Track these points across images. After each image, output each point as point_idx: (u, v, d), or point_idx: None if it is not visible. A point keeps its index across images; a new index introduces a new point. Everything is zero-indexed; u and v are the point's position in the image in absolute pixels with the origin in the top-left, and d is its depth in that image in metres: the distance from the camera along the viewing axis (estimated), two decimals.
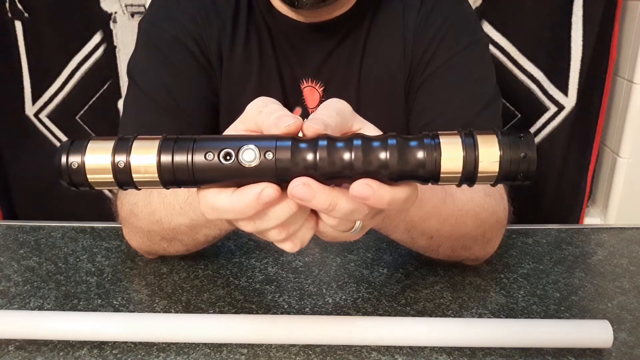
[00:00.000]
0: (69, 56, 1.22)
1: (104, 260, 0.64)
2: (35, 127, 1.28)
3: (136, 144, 0.35)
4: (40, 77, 1.25)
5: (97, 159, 0.34)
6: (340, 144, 0.34)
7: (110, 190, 1.32)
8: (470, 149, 0.33)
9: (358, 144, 0.34)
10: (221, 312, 0.54)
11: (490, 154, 0.33)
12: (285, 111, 0.37)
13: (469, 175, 0.34)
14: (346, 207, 0.35)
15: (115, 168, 0.34)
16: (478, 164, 0.33)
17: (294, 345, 0.49)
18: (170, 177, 0.34)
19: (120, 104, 1.24)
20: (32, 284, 0.59)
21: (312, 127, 0.35)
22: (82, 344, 0.50)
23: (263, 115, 0.37)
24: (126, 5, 1.19)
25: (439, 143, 0.33)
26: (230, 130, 0.39)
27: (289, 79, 0.70)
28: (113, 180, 0.35)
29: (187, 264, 0.62)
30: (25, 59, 1.23)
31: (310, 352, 0.49)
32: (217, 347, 0.49)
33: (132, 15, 1.20)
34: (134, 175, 0.34)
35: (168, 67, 0.67)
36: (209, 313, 0.54)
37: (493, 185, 0.35)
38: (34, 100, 1.27)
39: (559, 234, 0.70)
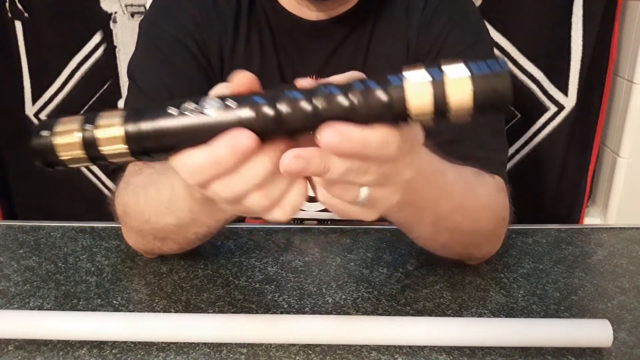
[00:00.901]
0: (69, 56, 1.22)
1: (104, 260, 0.64)
2: None
3: (102, 117, 0.35)
4: (40, 77, 1.25)
5: (66, 136, 0.34)
6: (303, 94, 0.33)
7: (108, 189, 1.32)
8: (439, 83, 0.31)
9: (322, 92, 0.33)
10: (221, 311, 0.54)
11: (461, 85, 0.31)
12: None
13: (441, 112, 0.32)
14: (340, 166, 0.34)
15: (84, 143, 0.34)
16: (449, 99, 0.31)
17: (293, 345, 0.49)
18: (139, 146, 0.34)
19: (121, 104, 1.24)
20: (31, 283, 0.59)
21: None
22: (81, 343, 0.49)
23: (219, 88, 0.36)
24: (126, 5, 1.19)
25: (405, 80, 0.32)
26: None
27: (291, 76, 0.70)
28: (84, 155, 0.35)
29: (187, 264, 0.62)
30: (25, 59, 1.23)
31: (310, 352, 0.49)
32: (217, 347, 0.49)
33: (132, 15, 1.20)
34: (102, 149, 0.34)
35: (168, 68, 0.67)
36: (208, 313, 0.54)
37: (469, 118, 0.32)
38: (34, 100, 1.27)
39: (559, 234, 0.70)
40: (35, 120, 1.28)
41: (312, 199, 0.75)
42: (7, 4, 1.19)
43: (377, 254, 0.65)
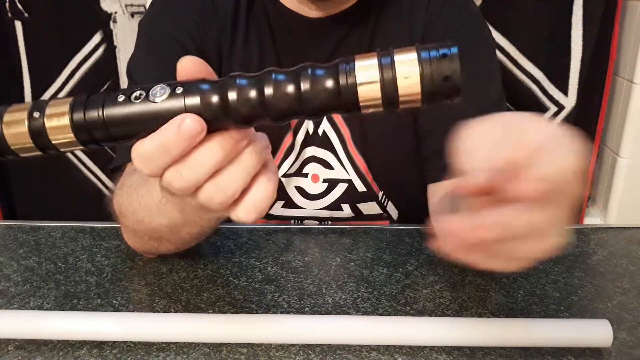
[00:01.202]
0: (69, 56, 1.22)
1: (104, 259, 0.64)
2: None
3: (50, 106, 0.34)
4: (40, 77, 1.25)
5: (15, 125, 0.34)
6: (251, 82, 0.32)
7: (108, 189, 1.32)
8: (388, 70, 0.31)
9: (270, 79, 0.32)
10: (221, 311, 0.54)
11: (410, 73, 0.31)
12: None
13: (390, 100, 0.31)
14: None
15: (31, 132, 0.34)
16: (397, 87, 0.31)
17: (293, 345, 0.49)
18: (87, 135, 0.33)
19: None
20: (31, 283, 0.59)
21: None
22: (81, 343, 0.49)
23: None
24: (126, 5, 1.19)
25: (354, 67, 0.31)
26: None
27: None
28: (32, 145, 0.34)
29: (187, 264, 0.62)
30: (25, 59, 1.23)
31: (310, 352, 0.49)
32: (217, 347, 0.49)
33: (132, 15, 1.20)
34: (51, 138, 0.34)
35: (166, 67, 0.67)
36: (208, 313, 0.54)
37: (420, 107, 0.32)
38: (34, 100, 1.27)
39: None
40: None
41: (312, 197, 0.75)
42: (7, 4, 1.19)
43: (377, 254, 0.65)
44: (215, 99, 0.32)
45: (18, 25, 1.21)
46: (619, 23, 1.14)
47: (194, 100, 0.32)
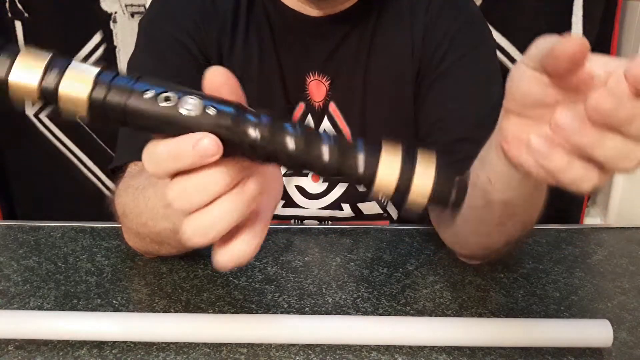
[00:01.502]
0: (69, 56, 1.22)
1: (104, 259, 0.64)
2: (35, 127, 1.28)
3: (70, 69, 0.32)
4: None
5: (25, 75, 0.32)
6: (292, 130, 0.32)
7: (108, 189, 1.32)
8: (406, 175, 0.32)
9: (309, 135, 0.32)
10: (221, 311, 0.54)
11: (424, 187, 0.32)
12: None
13: (395, 199, 0.33)
14: None
15: (41, 92, 0.32)
16: (409, 193, 0.32)
17: (293, 345, 0.49)
18: (100, 114, 0.32)
19: None
20: (31, 283, 0.59)
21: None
22: (81, 343, 0.49)
23: None
24: (126, 5, 1.19)
25: (380, 152, 0.33)
26: None
27: (292, 74, 0.70)
28: (37, 99, 0.32)
29: (187, 264, 0.62)
30: None
31: (310, 352, 0.49)
32: (217, 347, 0.49)
33: (132, 15, 1.20)
34: (60, 104, 0.32)
35: (165, 66, 0.67)
36: (208, 313, 0.54)
37: (412, 210, 0.33)
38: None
39: (559, 234, 0.70)
40: (36, 121, 1.28)
41: (312, 197, 0.75)
42: (7, 4, 1.19)
43: (377, 254, 0.65)
44: (250, 134, 0.32)
45: (18, 25, 1.21)
46: (618, 23, 1.14)
47: (222, 125, 0.32)
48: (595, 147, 0.31)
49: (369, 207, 0.76)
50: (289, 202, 0.75)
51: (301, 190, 0.75)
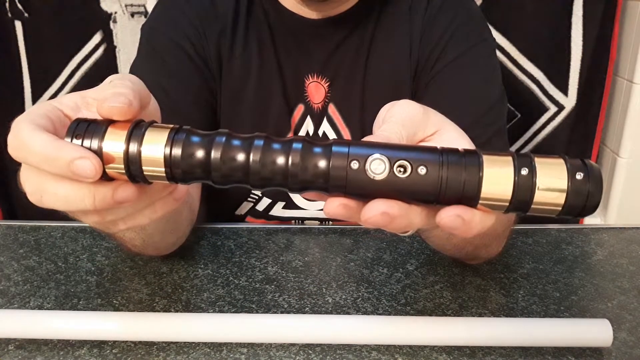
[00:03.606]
0: (69, 56, 1.22)
1: (104, 259, 0.64)
2: None
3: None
4: (40, 77, 1.25)
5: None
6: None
7: None
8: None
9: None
10: (221, 311, 0.54)
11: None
12: (128, 91, 0.33)
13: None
14: (418, 225, 0.32)
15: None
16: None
17: (293, 345, 0.49)
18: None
19: None
20: (32, 283, 0.59)
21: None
22: (82, 343, 0.50)
23: (104, 84, 0.34)
24: (126, 5, 1.19)
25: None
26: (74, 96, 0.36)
27: (291, 75, 0.70)
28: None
29: (187, 264, 0.62)
30: (25, 59, 1.23)
31: (310, 352, 0.49)
32: (217, 347, 0.49)
33: (132, 15, 1.20)
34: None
35: (165, 70, 0.67)
36: (208, 312, 0.54)
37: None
38: (34, 100, 1.26)
39: (558, 234, 0.70)
40: None
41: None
42: (7, 4, 1.19)
43: (377, 254, 0.65)
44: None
45: (18, 25, 1.21)
46: (619, 23, 1.14)
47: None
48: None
49: None
50: (290, 204, 0.75)
51: None
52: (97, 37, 1.21)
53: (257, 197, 0.75)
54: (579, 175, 0.30)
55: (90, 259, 0.64)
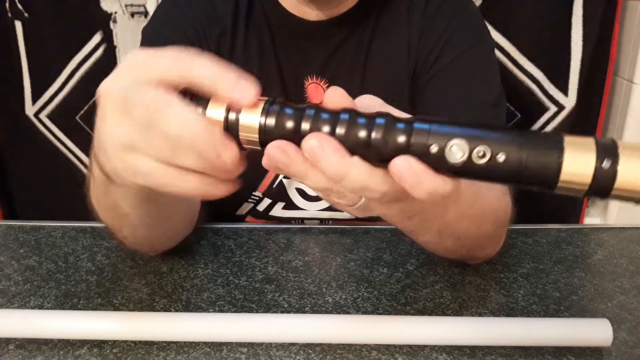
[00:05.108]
0: (69, 56, 1.22)
1: (104, 259, 0.64)
2: (35, 127, 1.28)
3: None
4: (40, 77, 1.25)
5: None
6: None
7: None
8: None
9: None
10: (221, 311, 0.54)
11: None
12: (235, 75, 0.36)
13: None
14: (356, 182, 0.32)
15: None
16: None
17: (293, 344, 0.49)
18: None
19: None
20: (32, 283, 0.59)
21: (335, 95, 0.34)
22: (82, 342, 0.50)
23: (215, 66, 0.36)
24: (126, 5, 1.19)
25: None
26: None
27: (291, 77, 0.70)
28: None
29: (187, 263, 0.62)
30: (25, 59, 1.23)
31: (310, 351, 0.49)
32: (217, 346, 0.49)
33: (132, 15, 1.20)
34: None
35: None
36: (209, 312, 0.54)
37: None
38: (34, 100, 1.27)
39: (559, 234, 0.70)
40: (36, 121, 1.28)
41: (313, 199, 0.75)
42: (7, 4, 1.19)
43: (377, 253, 0.65)
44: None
45: (18, 25, 1.21)
46: (618, 23, 1.14)
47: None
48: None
49: None
50: (290, 205, 0.75)
51: (301, 192, 0.75)
52: (97, 37, 1.21)
53: (258, 198, 0.75)
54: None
55: (90, 259, 0.64)
